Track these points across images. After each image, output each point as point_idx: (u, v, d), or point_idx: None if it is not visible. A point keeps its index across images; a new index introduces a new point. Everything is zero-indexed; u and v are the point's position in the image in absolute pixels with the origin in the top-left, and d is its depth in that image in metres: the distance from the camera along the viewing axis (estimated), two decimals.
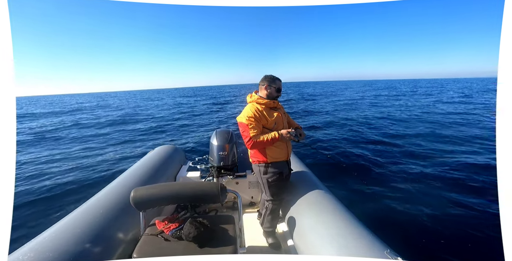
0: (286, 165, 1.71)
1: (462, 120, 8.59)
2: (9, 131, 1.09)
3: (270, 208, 1.69)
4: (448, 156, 4.92)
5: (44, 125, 11.09)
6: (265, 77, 1.64)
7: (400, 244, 1.28)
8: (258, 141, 1.52)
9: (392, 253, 1.07)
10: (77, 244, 1.09)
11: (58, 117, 14.38)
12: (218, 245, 1.15)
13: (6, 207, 1.00)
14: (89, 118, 13.05)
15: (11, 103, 1.12)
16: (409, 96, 20.07)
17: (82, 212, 1.34)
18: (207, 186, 1.26)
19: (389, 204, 3.11)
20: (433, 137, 6.41)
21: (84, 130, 9.25)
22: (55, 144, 7.13)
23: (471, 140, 5.94)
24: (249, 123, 1.52)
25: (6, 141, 1.06)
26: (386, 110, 11.81)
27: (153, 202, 1.22)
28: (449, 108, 11.79)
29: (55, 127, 10.36)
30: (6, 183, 1.02)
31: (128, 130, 8.92)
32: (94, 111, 17.77)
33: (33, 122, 12.27)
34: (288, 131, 1.55)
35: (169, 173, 2.16)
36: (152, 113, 14.30)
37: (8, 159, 1.04)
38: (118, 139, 7.51)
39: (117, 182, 1.74)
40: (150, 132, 8.50)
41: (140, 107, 19.06)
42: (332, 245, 1.17)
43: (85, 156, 5.58)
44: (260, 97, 1.62)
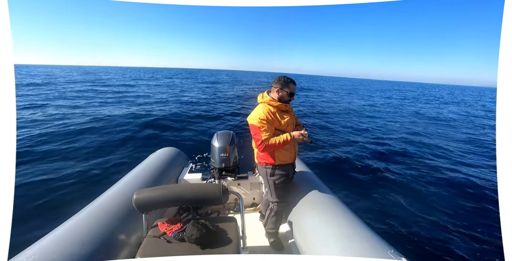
0: (292, 167, 1.70)
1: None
2: (9, 131, 1.08)
3: (275, 210, 1.67)
4: (453, 159, 4.97)
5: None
6: (278, 79, 1.55)
7: (404, 245, 1.28)
8: (270, 144, 1.46)
9: (396, 253, 1.07)
10: (80, 246, 1.08)
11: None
12: (220, 246, 1.15)
13: (6, 208, 0.99)
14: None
15: (11, 103, 1.11)
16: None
17: (85, 214, 1.33)
18: (209, 188, 1.26)
19: (393, 204, 3.12)
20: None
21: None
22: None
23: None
24: (261, 126, 1.46)
25: (6, 141, 1.06)
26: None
27: (156, 204, 1.21)
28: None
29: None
30: (6, 183, 1.01)
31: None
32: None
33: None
34: (301, 133, 1.51)
35: (171, 175, 2.15)
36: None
37: (8, 159, 1.03)
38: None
39: (119, 184, 1.74)
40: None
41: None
42: (335, 245, 1.17)
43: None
44: (272, 98, 1.55)
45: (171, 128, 6.70)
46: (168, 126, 6.83)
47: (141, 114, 7.78)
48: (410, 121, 9.90)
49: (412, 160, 4.90)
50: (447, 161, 4.88)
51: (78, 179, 3.48)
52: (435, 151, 5.55)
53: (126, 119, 7.16)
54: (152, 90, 16.80)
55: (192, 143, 5.65)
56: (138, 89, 17.12)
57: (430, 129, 8.30)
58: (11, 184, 1.03)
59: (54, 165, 3.86)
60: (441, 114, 12.00)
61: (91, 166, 3.93)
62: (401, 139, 6.60)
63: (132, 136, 5.72)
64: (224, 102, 11.87)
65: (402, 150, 5.61)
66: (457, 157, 5.09)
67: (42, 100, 10.01)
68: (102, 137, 5.48)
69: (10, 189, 1.01)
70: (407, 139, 6.66)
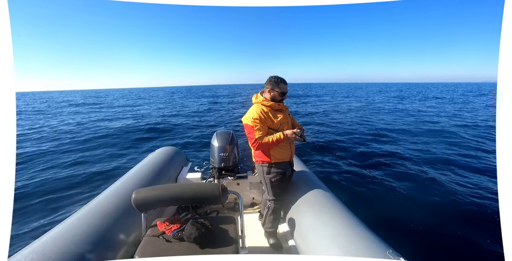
0: (289, 165, 1.72)
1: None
2: (9, 131, 1.08)
3: (272, 208, 1.69)
4: (452, 157, 4.96)
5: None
6: (269, 79, 1.59)
7: (402, 244, 1.28)
8: (263, 143, 1.51)
9: (394, 253, 1.07)
10: (79, 245, 1.08)
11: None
12: (219, 246, 1.16)
13: (6, 208, 0.99)
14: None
15: (11, 103, 1.12)
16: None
17: (84, 213, 1.33)
18: (208, 187, 1.26)
19: (391, 204, 3.12)
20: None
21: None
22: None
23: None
24: (254, 125, 1.51)
25: (6, 141, 1.06)
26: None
27: (155, 204, 1.21)
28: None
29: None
30: (6, 183, 1.01)
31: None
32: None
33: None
34: (294, 132, 1.55)
35: (170, 174, 2.16)
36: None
37: (8, 159, 1.04)
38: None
39: (118, 183, 1.74)
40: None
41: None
42: (334, 245, 1.17)
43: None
44: (265, 98, 1.61)
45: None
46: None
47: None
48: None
49: (412, 159, 4.89)
50: (447, 161, 4.86)
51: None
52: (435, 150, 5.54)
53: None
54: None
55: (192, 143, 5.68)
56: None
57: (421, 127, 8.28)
58: (11, 184, 1.03)
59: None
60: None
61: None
62: (404, 139, 6.60)
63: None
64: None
65: (401, 148, 5.61)
66: (458, 158, 5.08)
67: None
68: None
69: (10, 189, 1.01)
70: (409, 140, 6.65)
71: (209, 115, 12.42)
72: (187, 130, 8.49)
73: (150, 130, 8.30)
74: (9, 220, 1.00)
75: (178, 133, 7.98)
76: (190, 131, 8.32)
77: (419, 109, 13.56)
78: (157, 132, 8.18)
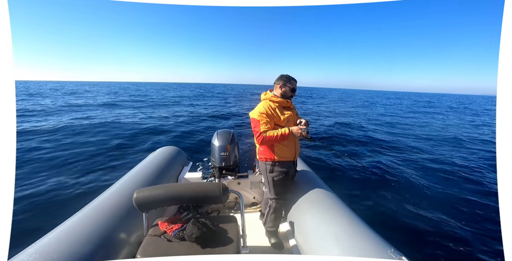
0: (293, 165, 1.71)
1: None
2: (9, 131, 1.08)
3: (273, 206, 1.69)
4: (455, 158, 4.98)
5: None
6: (281, 76, 1.65)
7: (404, 244, 1.29)
8: (268, 137, 1.52)
9: (396, 253, 1.07)
10: (81, 245, 1.08)
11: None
12: (220, 246, 1.15)
13: (6, 208, 0.99)
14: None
15: (11, 103, 1.11)
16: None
17: (85, 213, 1.33)
18: (209, 187, 1.26)
19: (393, 204, 3.13)
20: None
21: None
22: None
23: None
24: (260, 119, 1.53)
25: (6, 141, 1.05)
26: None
27: (156, 203, 1.21)
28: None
29: None
30: (6, 183, 1.01)
31: None
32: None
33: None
34: (300, 128, 1.54)
35: (171, 174, 2.15)
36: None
37: (8, 159, 1.03)
38: None
39: (119, 183, 1.74)
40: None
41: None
42: (335, 245, 1.17)
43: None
44: (274, 95, 1.64)
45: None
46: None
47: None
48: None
49: (414, 159, 4.91)
50: (447, 161, 4.88)
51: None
52: (438, 152, 5.56)
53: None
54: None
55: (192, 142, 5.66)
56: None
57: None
58: (11, 184, 1.02)
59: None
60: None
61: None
62: (410, 138, 6.61)
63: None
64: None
65: (406, 148, 5.62)
66: (458, 159, 5.10)
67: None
68: None
69: (10, 189, 1.01)
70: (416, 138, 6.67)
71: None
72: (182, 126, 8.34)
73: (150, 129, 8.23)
74: (9, 220, 1.00)
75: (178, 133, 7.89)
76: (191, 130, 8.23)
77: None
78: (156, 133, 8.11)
